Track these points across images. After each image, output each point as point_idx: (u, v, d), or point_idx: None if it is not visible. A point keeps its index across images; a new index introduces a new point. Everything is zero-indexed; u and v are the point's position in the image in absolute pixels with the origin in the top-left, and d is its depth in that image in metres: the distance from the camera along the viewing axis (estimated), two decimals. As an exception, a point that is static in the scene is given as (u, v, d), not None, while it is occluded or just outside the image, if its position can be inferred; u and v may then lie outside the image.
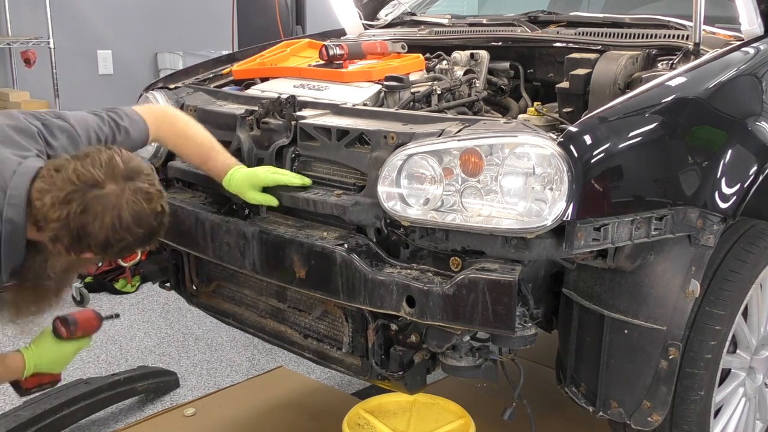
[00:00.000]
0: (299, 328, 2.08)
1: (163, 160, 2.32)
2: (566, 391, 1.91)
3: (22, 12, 4.04)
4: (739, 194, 1.76)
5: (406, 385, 1.90)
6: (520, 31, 2.42)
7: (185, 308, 3.64)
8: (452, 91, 2.22)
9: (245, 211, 2.01)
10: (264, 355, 3.24)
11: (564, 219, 1.56)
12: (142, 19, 4.55)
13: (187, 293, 2.39)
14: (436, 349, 1.80)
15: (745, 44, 1.99)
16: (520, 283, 1.64)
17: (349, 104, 2.05)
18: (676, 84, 1.81)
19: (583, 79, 2.01)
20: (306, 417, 2.72)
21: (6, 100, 3.81)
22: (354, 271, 1.75)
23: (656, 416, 1.77)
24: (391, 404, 2.44)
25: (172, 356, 3.25)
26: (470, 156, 1.65)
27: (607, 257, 1.73)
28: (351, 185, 1.89)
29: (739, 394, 2.08)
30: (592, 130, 1.64)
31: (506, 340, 1.72)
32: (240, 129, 2.06)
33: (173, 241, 2.19)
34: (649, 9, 2.69)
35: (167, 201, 1.73)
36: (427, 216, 1.68)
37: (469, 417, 2.34)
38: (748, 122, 1.86)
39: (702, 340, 1.80)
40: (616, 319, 1.76)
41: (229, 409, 2.78)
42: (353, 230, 1.86)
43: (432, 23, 2.72)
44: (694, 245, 1.73)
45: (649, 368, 1.75)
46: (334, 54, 2.24)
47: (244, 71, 2.49)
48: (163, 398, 2.91)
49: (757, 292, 1.98)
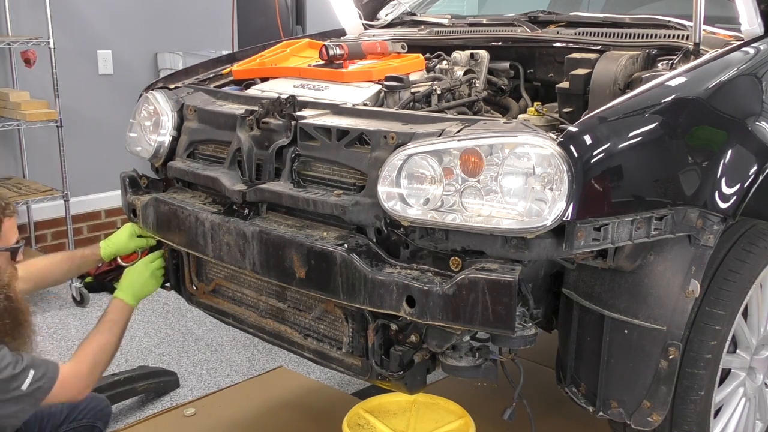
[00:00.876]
0: (299, 328, 2.08)
1: (163, 161, 2.32)
2: (566, 391, 1.91)
3: (22, 12, 4.04)
4: (739, 194, 1.77)
5: (406, 385, 1.90)
6: (520, 31, 2.42)
7: (185, 308, 3.64)
8: (452, 91, 2.22)
9: (245, 211, 2.01)
10: (264, 355, 3.24)
11: (564, 219, 1.56)
12: (142, 19, 4.54)
13: (186, 293, 2.39)
14: (436, 349, 1.80)
15: (745, 44, 1.99)
16: (520, 283, 1.64)
17: (349, 104, 2.05)
18: (676, 84, 1.81)
19: (583, 79, 2.01)
20: (306, 417, 2.72)
21: (6, 100, 3.80)
22: (354, 271, 1.75)
23: (656, 416, 1.77)
24: (391, 404, 2.44)
25: (172, 356, 3.25)
26: (470, 156, 1.65)
27: (607, 257, 1.73)
28: (351, 185, 1.89)
29: (739, 394, 2.08)
30: (592, 130, 1.64)
31: (506, 340, 1.72)
32: (240, 129, 2.06)
33: (173, 241, 2.19)
34: (649, 9, 2.69)
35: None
36: (427, 216, 1.68)
37: (469, 417, 2.34)
38: (748, 122, 1.86)
39: (702, 340, 1.80)
40: (616, 319, 1.76)
41: (229, 409, 2.78)
42: (353, 230, 1.86)
43: (432, 23, 2.72)
44: (694, 245, 1.73)
45: (649, 368, 1.75)
46: (334, 54, 2.24)
47: (244, 71, 2.49)
48: (163, 398, 2.91)
49: (757, 292, 1.99)
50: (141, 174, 2.41)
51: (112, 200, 4.42)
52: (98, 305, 3.76)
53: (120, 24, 4.47)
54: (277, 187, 1.96)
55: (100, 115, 4.40)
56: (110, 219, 4.51)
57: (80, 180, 4.26)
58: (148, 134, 2.35)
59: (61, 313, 3.71)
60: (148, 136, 2.35)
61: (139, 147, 2.38)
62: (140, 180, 2.39)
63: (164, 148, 2.31)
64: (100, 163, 4.37)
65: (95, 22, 4.38)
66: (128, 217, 2.37)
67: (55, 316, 3.66)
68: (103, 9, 4.39)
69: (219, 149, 2.21)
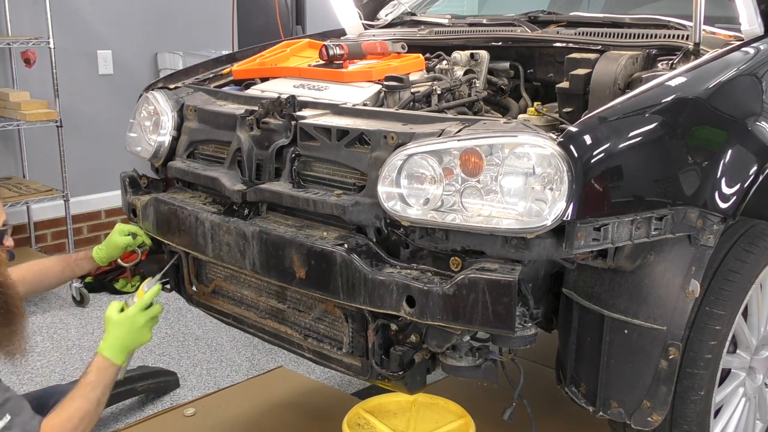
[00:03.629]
0: (299, 329, 2.08)
1: (163, 161, 2.32)
2: (566, 391, 1.91)
3: (22, 12, 4.04)
4: (739, 194, 1.77)
5: (406, 385, 1.90)
6: (520, 31, 2.42)
7: (185, 308, 3.64)
8: (452, 91, 2.22)
9: (245, 211, 2.01)
10: (264, 355, 3.24)
11: (564, 219, 1.56)
12: (142, 19, 4.54)
13: (186, 294, 2.39)
14: (436, 349, 1.80)
15: (745, 44, 1.99)
16: (520, 283, 1.64)
17: (349, 104, 2.05)
18: (676, 84, 1.81)
19: (583, 79, 2.01)
20: (306, 417, 2.72)
21: (6, 100, 3.80)
22: (354, 271, 1.75)
23: (656, 416, 1.77)
24: (391, 404, 2.44)
25: (172, 356, 3.25)
26: (470, 156, 1.65)
27: (607, 257, 1.73)
28: (351, 185, 1.89)
29: (739, 394, 2.08)
30: (592, 130, 1.64)
31: (506, 340, 1.72)
32: (240, 129, 2.06)
33: (173, 241, 2.19)
34: (649, 9, 2.69)
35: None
36: (427, 216, 1.68)
37: (469, 417, 2.34)
38: (748, 122, 1.86)
39: (702, 340, 1.80)
40: (616, 319, 1.76)
41: (229, 409, 2.78)
42: (353, 230, 1.86)
43: (432, 23, 2.72)
44: (694, 245, 1.73)
45: (649, 368, 1.75)
46: (334, 54, 2.24)
47: (244, 71, 2.49)
48: (163, 398, 2.91)
49: (757, 292, 1.99)
50: (141, 174, 2.41)
51: (112, 200, 4.42)
52: (98, 305, 3.77)
53: (120, 24, 4.47)
54: (277, 187, 1.96)
55: (100, 115, 4.40)
56: (110, 219, 4.51)
57: (80, 180, 4.26)
58: (148, 134, 2.35)
59: (61, 313, 3.71)
60: (148, 136, 2.35)
61: (139, 147, 2.38)
62: (140, 180, 2.39)
63: (164, 148, 2.31)
64: (100, 163, 4.37)
65: (95, 22, 4.38)
66: (128, 217, 2.37)
67: (55, 316, 3.66)
68: (103, 9, 4.39)
69: (219, 149, 2.21)
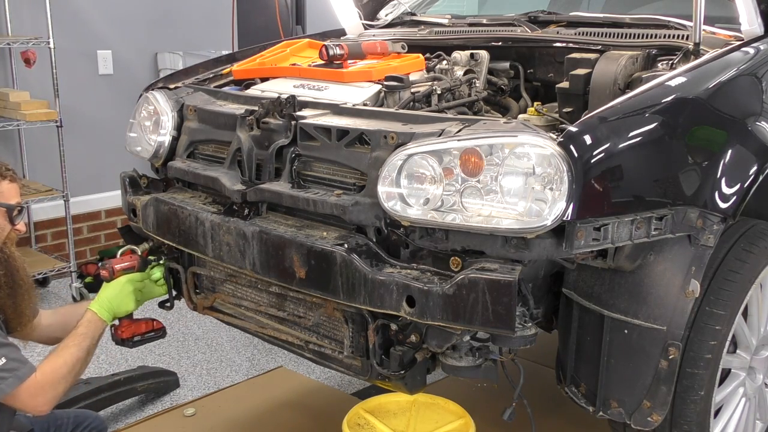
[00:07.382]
0: (300, 329, 2.08)
1: (163, 160, 2.32)
2: (566, 391, 1.91)
3: (22, 12, 4.04)
4: (739, 194, 1.77)
5: (406, 385, 1.90)
6: (520, 31, 2.42)
7: (185, 308, 3.61)
8: (452, 91, 2.22)
9: (245, 211, 2.01)
10: (264, 355, 3.24)
11: (564, 219, 1.56)
12: (142, 19, 4.54)
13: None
14: (436, 349, 1.80)
15: (745, 44, 1.99)
16: (520, 283, 1.64)
17: (349, 104, 2.05)
18: (676, 84, 1.81)
19: (583, 79, 2.01)
20: (306, 417, 2.72)
21: (6, 100, 3.80)
22: (354, 271, 1.75)
23: (656, 416, 1.77)
24: (391, 404, 2.44)
25: (172, 356, 3.25)
26: (470, 156, 1.65)
27: (607, 257, 1.73)
28: (351, 185, 1.89)
29: (739, 394, 2.08)
30: (592, 130, 1.64)
31: (506, 340, 1.72)
32: (240, 129, 2.06)
33: (173, 241, 2.19)
34: (649, 9, 2.69)
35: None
36: (427, 216, 1.68)
37: (469, 417, 2.34)
38: (748, 122, 1.86)
39: (702, 340, 1.80)
40: (616, 319, 1.76)
41: (229, 409, 2.78)
42: (353, 230, 1.86)
43: (432, 23, 2.72)
44: (694, 245, 1.74)
45: (649, 368, 1.75)
46: (334, 54, 2.24)
47: (244, 71, 2.49)
48: (163, 398, 2.91)
49: (757, 292, 1.99)
50: (141, 174, 2.41)
51: (112, 200, 4.42)
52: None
53: (120, 24, 4.46)
54: (277, 187, 1.96)
55: (100, 115, 4.40)
56: (110, 219, 4.51)
57: (80, 180, 4.26)
58: (148, 134, 2.35)
59: (61, 313, 3.70)
60: (148, 136, 2.35)
61: (139, 147, 2.38)
62: (140, 180, 2.39)
63: (164, 148, 2.31)
64: (100, 163, 4.36)
65: (95, 22, 4.38)
66: (128, 217, 2.37)
67: (55, 316, 3.66)
68: (103, 9, 4.39)
69: (219, 149, 2.21)
